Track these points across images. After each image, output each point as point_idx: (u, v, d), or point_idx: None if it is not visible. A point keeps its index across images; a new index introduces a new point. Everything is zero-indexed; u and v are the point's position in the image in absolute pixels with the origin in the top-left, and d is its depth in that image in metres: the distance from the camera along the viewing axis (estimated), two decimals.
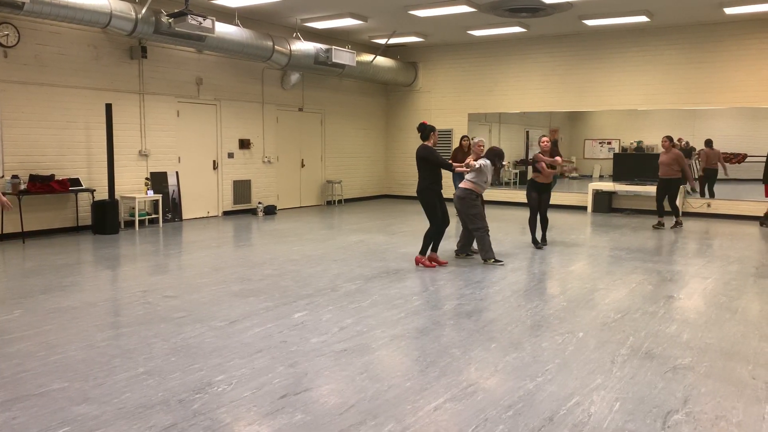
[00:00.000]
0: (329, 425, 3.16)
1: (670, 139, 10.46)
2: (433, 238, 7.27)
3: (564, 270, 7.20)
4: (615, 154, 14.00)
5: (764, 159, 11.34)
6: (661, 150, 10.73)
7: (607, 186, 13.24)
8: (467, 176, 7.47)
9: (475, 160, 7.68)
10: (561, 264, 7.55)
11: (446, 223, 7.30)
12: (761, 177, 11.19)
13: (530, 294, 6.02)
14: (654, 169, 11.03)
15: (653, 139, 14.21)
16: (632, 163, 13.51)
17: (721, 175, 12.83)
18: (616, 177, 13.23)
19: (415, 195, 7.48)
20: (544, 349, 4.36)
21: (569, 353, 4.29)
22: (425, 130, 7.20)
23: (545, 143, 8.62)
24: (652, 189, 12.53)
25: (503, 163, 7.65)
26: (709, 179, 12.88)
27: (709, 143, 12.87)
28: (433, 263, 7.27)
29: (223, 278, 6.57)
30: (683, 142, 13.09)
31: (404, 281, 6.49)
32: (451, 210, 8.40)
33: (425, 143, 7.20)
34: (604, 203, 13.23)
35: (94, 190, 9.71)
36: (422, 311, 5.33)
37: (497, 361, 4.11)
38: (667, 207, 10.88)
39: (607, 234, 10.14)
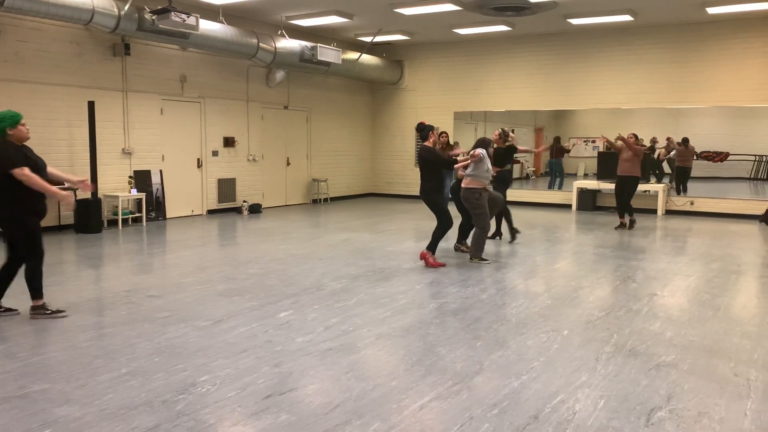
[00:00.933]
0: (314, 425, 3.15)
1: (635, 136, 10.30)
2: (440, 236, 7.18)
3: (549, 268, 7.23)
4: (599, 153, 14.08)
5: (753, 158, 11.45)
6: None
7: (592, 184, 13.32)
8: (467, 172, 7.35)
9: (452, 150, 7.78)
10: (546, 262, 7.58)
11: (450, 223, 7.26)
12: (746, 176, 11.29)
13: (515, 292, 6.04)
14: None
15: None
16: (616, 162, 13.57)
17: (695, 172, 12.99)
18: (601, 175, 13.30)
19: (413, 195, 7.49)
20: (529, 347, 4.38)
21: (554, 351, 4.31)
22: (424, 130, 7.16)
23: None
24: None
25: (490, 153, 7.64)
26: (682, 176, 13.04)
27: (685, 141, 13.02)
28: (441, 263, 7.19)
29: (208, 277, 6.52)
30: (660, 141, 13.21)
31: (390, 280, 6.48)
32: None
33: (425, 144, 7.17)
34: (588, 201, 13.31)
35: (77, 189, 9.58)
36: (408, 310, 5.33)
37: (483, 360, 4.12)
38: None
39: (591, 232, 10.20)
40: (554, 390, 3.62)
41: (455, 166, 7.47)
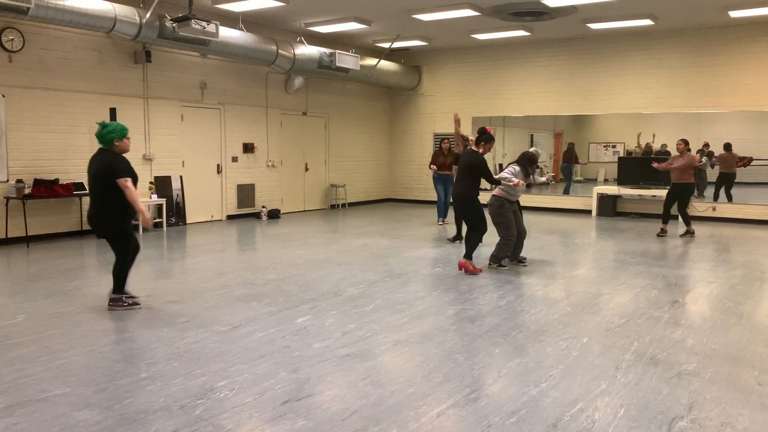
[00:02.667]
0: (331, 431, 3.14)
1: (685, 142, 9.91)
2: (476, 242, 7.14)
3: (568, 274, 7.17)
4: (620, 158, 13.95)
5: None
6: (675, 153, 10.21)
7: (612, 189, 13.19)
8: (500, 186, 7.31)
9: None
10: (565, 268, 7.52)
11: (486, 228, 7.20)
12: None
13: (534, 299, 5.99)
14: (660, 173, 10.87)
15: (658, 143, 14.18)
16: (637, 167, 13.45)
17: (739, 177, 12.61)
18: (621, 181, 13.18)
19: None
20: (548, 355, 4.34)
21: (573, 359, 4.26)
22: (484, 137, 7.04)
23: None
24: (656, 192, 12.50)
25: (538, 167, 7.49)
26: (726, 183, 12.66)
27: (727, 147, 12.62)
28: (480, 269, 7.14)
29: (227, 283, 6.56)
30: (708, 148, 12.92)
31: (408, 286, 6.47)
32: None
33: (475, 149, 7.09)
34: (608, 207, 13.18)
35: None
36: (426, 316, 5.31)
37: (501, 367, 4.09)
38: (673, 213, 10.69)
39: (611, 238, 10.10)
40: (573, 398, 3.58)
41: (501, 185, 7.27)
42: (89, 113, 9.69)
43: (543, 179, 7.68)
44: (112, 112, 9.56)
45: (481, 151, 7.08)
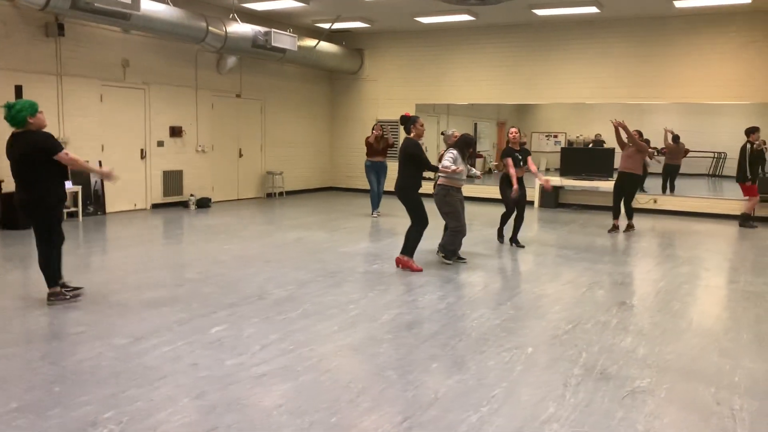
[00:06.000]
0: None
1: (639, 133, 9.81)
2: (416, 239, 6.64)
3: (510, 272, 6.80)
4: (562, 148, 13.76)
5: (711, 155, 11.26)
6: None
7: (554, 180, 12.97)
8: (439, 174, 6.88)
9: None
10: (508, 264, 7.15)
11: (426, 223, 6.71)
12: (705, 173, 11.07)
13: (475, 301, 5.57)
14: (600, 164, 10.68)
15: (601, 133, 14.07)
16: (580, 158, 13.30)
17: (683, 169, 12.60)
18: (564, 171, 12.97)
19: (392, 191, 6.86)
20: (490, 369, 3.90)
21: (517, 374, 3.84)
22: (408, 122, 6.65)
23: (514, 134, 8.14)
24: (600, 184, 12.36)
25: (471, 150, 7.02)
26: (671, 174, 12.68)
27: (676, 139, 12.62)
28: (420, 267, 6.61)
29: (138, 283, 5.87)
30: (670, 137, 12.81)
31: (342, 286, 5.95)
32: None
33: (410, 137, 6.65)
34: (551, 198, 12.97)
35: (2, 181, 8.77)
36: (358, 323, 4.80)
37: (438, 386, 3.62)
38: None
39: (554, 231, 9.84)
40: (518, 426, 3.14)
41: (439, 172, 6.79)
42: None
43: (477, 173, 7.27)
44: (18, 90, 8.61)
45: (413, 134, 6.64)
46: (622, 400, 3.50)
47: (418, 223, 6.64)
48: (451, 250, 6.94)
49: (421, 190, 6.68)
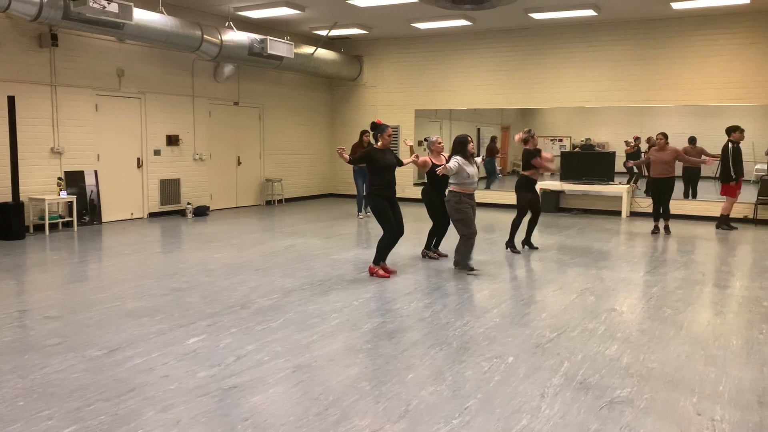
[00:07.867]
0: None
1: (665, 135, 9.75)
2: (384, 245, 6.65)
3: (501, 278, 6.70)
4: (562, 153, 13.63)
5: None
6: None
7: (555, 185, 12.86)
8: (451, 179, 6.88)
9: (435, 159, 7.32)
10: (499, 271, 7.05)
11: (400, 231, 6.71)
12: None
13: (461, 308, 5.47)
14: (601, 168, 10.56)
15: (603, 137, 13.93)
16: (580, 162, 13.16)
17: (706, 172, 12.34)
18: (564, 176, 12.85)
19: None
20: (467, 380, 3.81)
21: (494, 384, 3.75)
22: (377, 129, 6.71)
23: (534, 138, 8.51)
24: (600, 188, 12.24)
25: (470, 150, 6.97)
26: (694, 178, 12.33)
27: (692, 140, 12.34)
28: (388, 273, 6.64)
29: (122, 293, 5.83)
30: (638, 142, 12.68)
31: (327, 294, 5.88)
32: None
33: (375, 146, 6.74)
34: (551, 203, 12.86)
35: None
36: (339, 332, 4.73)
37: (411, 398, 3.54)
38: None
39: (552, 236, 9.72)
40: None
41: (405, 163, 6.97)
42: None
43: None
44: (11, 101, 8.62)
45: (380, 144, 6.67)
46: (599, 411, 3.40)
47: (384, 230, 6.64)
48: (465, 260, 6.87)
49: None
